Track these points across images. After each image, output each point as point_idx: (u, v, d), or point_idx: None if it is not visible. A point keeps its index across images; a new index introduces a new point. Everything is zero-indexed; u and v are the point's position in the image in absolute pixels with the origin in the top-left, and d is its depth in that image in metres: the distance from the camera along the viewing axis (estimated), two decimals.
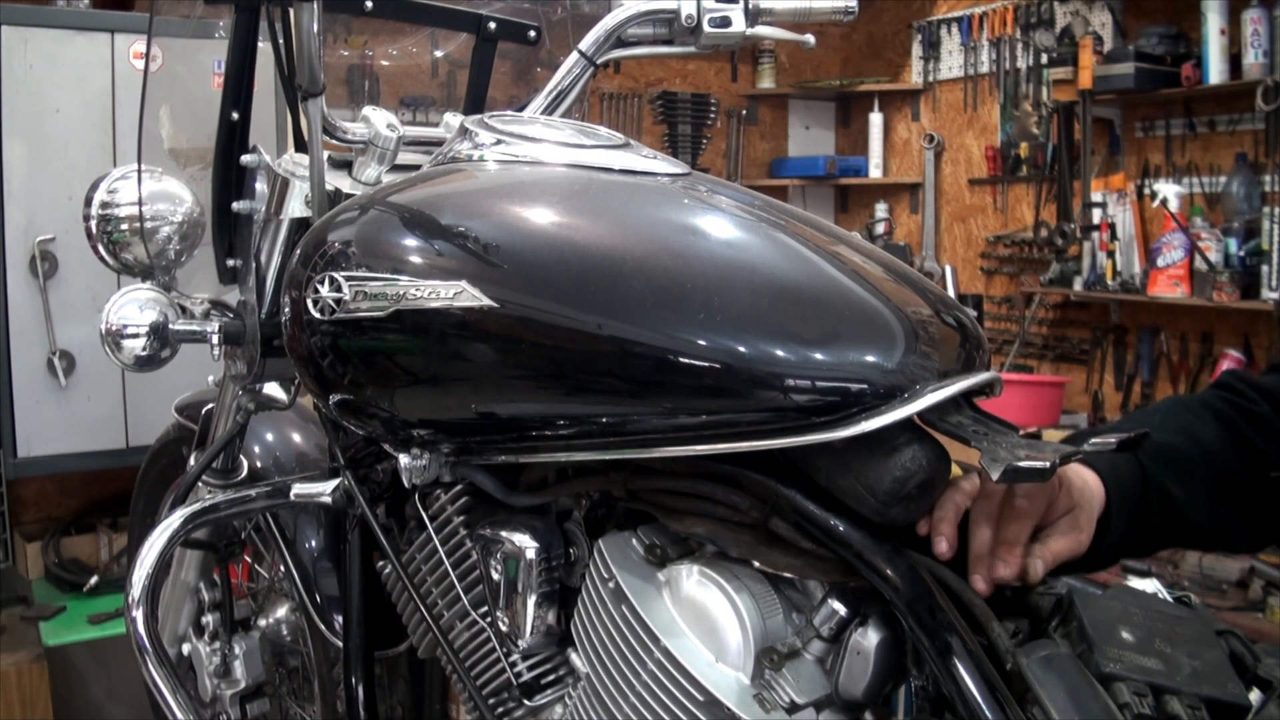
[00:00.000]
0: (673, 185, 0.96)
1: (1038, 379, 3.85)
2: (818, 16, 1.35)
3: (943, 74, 4.43)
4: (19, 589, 2.87)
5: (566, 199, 0.93)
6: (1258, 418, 0.96)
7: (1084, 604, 0.77)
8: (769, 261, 0.86)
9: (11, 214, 2.63)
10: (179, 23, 1.41)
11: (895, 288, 0.85)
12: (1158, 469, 0.93)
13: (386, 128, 1.11)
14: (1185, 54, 3.36)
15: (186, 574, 1.56)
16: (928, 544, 0.80)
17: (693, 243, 0.88)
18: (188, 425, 1.61)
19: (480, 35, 1.40)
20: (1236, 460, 0.95)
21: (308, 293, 0.93)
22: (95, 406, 2.74)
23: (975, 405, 0.83)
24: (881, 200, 4.68)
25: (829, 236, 0.90)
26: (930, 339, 0.81)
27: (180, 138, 1.42)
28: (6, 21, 2.60)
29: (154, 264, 1.33)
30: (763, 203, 0.96)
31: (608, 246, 0.86)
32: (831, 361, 0.78)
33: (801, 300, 0.82)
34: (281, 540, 1.44)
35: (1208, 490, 0.94)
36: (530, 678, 1.00)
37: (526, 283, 0.85)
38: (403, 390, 0.94)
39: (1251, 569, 2.72)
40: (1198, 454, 0.95)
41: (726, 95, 4.75)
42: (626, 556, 0.90)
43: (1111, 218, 3.63)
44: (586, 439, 0.87)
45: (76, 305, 2.69)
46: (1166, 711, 0.71)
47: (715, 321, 0.79)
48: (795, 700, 0.79)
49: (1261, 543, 1.01)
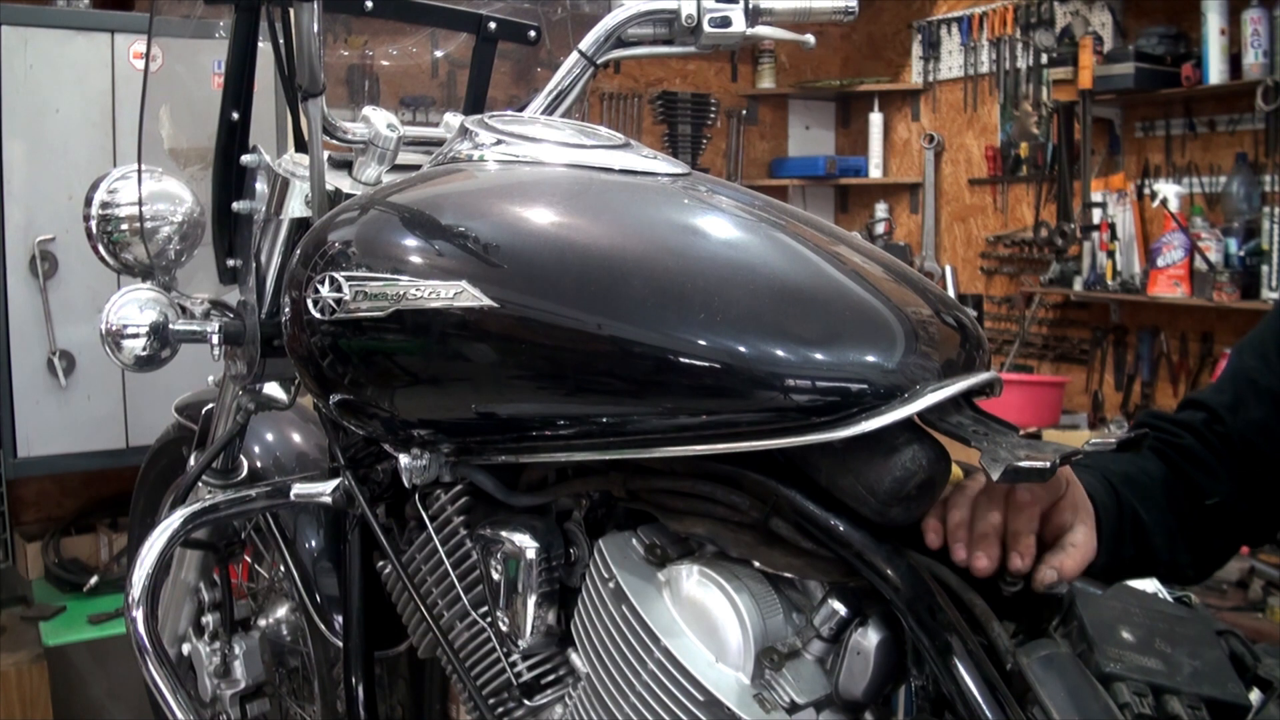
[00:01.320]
0: (673, 185, 0.96)
1: (1038, 379, 3.85)
2: (818, 16, 1.35)
3: (943, 74, 4.43)
4: (19, 589, 2.87)
5: (567, 199, 0.93)
6: (1185, 450, 0.99)
7: (1084, 604, 0.77)
8: (769, 261, 0.86)
9: (11, 214, 2.63)
10: (179, 23, 1.41)
11: (895, 288, 0.85)
12: (1128, 493, 0.94)
13: (387, 128, 1.11)
14: (1185, 54, 3.36)
15: (186, 574, 1.56)
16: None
17: (693, 243, 0.88)
18: (188, 425, 1.61)
19: (480, 35, 1.40)
20: (1179, 491, 0.97)
21: (308, 293, 0.93)
22: (95, 406, 2.74)
23: (975, 405, 0.82)
24: (881, 200, 4.68)
25: (829, 236, 0.90)
26: (930, 339, 0.81)
27: (180, 138, 1.42)
28: (7, 21, 2.60)
29: (154, 264, 1.33)
30: (763, 203, 0.96)
31: (608, 246, 0.86)
32: (831, 361, 0.78)
33: (801, 300, 0.82)
34: (281, 540, 1.44)
35: (1164, 517, 0.96)
36: (530, 678, 1.00)
37: (526, 283, 0.85)
38: (403, 390, 0.94)
39: (1252, 569, 2.72)
40: (1150, 483, 0.97)
41: (726, 95, 4.75)
42: (626, 556, 0.90)
43: (1111, 218, 3.63)
44: (586, 439, 0.86)
45: (76, 305, 2.69)
46: (1166, 711, 0.71)
47: (715, 321, 0.79)
48: (795, 700, 0.79)
49: (1204, 573, 1.03)
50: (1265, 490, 0.98)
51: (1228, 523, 0.99)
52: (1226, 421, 0.99)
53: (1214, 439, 0.99)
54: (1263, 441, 0.97)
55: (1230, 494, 0.97)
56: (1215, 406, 1.00)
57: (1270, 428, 0.97)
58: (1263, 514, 1.00)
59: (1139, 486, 0.95)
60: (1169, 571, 0.98)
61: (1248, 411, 0.98)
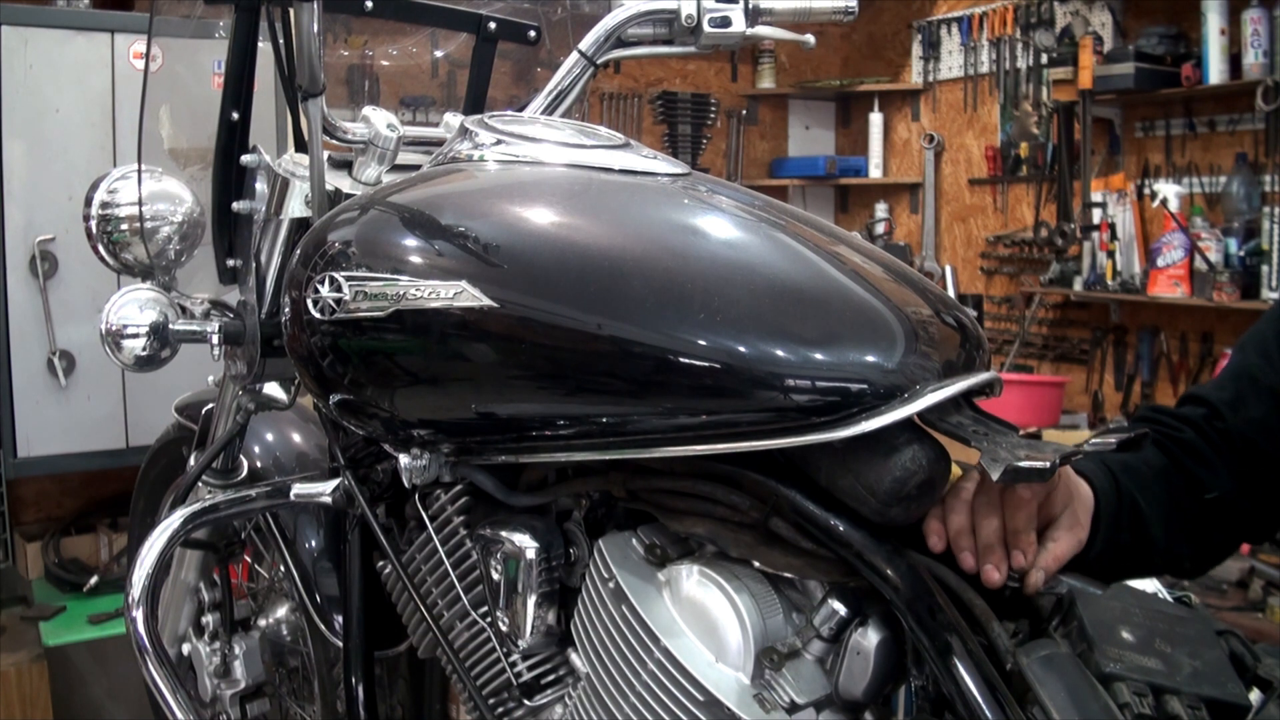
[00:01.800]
0: (672, 185, 0.96)
1: (1038, 379, 3.85)
2: (818, 16, 1.35)
3: (943, 74, 4.43)
4: (19, 589, 2.87)
5: (566, 199, 0.93)
6: (1185, 444, 0.99)
7: (1084, 604, 0.77)
8: (769, 262, 0.86)
9: (11, 214, 2.63)
10: (179, 23, 1.41)
11: (895, 288, 0.85)
12: (1127, 480, 0.94)
13: (386, 128, 1.11)
14: (1185, 54, 3.36)
15: (186, 574, 1.56)
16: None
17: (692, 243, 0.88)
18: (188, 425, 1.61)
19: (480, 35, 1.40)
20: (1178, 482, 0.97)
21: (308, 293, 0.93)
22: (95, 406, 2.74)
23: (975, 405, 0.83)
24: (881, 200, 4.68)
25: (829, 236, 0.90)
26: (930, 339, 0.81)
27: (180, 138, 1.43)
28: (7, 21, 2.60)
29: (154, 264, 1.33)
30: (763, 203, 0.96)
31: (607, 247, 0.86)
32: (831, 361, 0.78)
33: (801, 300, 0.82)
34: (281, 540, 1.44)
35: (1163, 507, 0.96)
36: (530, 678, 1.00)
37: (526, 283, 0.85)
38: (403, 390, 0.94)
39: (1252, 569, 2.72)
40: (1149, 473, 0.97)
41: (726, 95, 4.75)
42: (626, 556, 0.90)
43: (1111, 218, 3.63)
44: (586, 439, 0.87)
45: (76, 305, 2.69)
46: (1166, 711, 0.71)
47: (715, 322, 0.79)
48: (795, 700, 0.79)
49: (1203, 567, 1.03)
50: (1265, 487, 0.98)
51: (1227, 517, 0.99)
52: (1226, 417, 0.99)
53: (1214, 434, 0.99)
54: (1263, 439, 0.97)
55: (1229, 489, 0.97)
56: (1216, 402, 1.00)
57: (1271, 425, 0.97)
58: (1263, 511, 1.00)
59: (1138, 475, 0.95)
60: (1167, 562, 0.98)
61: (1248, 409, 0.98)
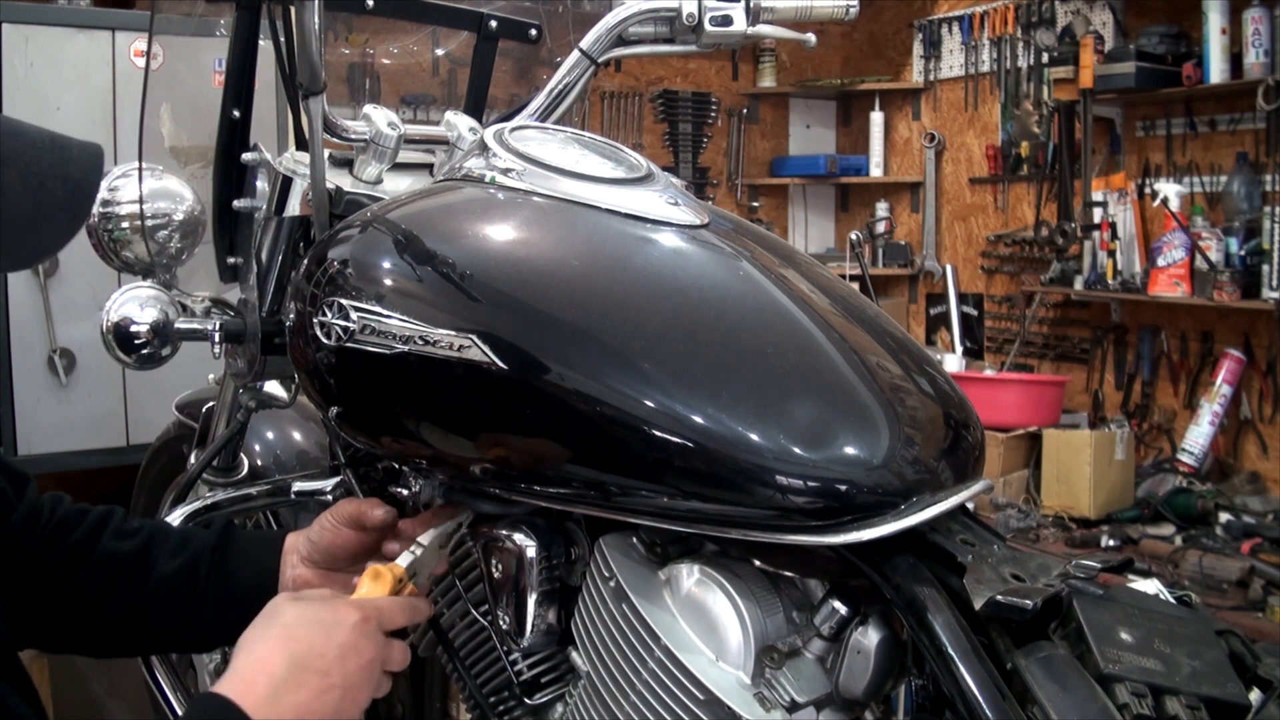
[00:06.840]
0: (689, 246, 0.95)
1: (1038, 378, 3.84)
2: (819, 15, 1.35)
3: (943, 73, 4.43)
4: None
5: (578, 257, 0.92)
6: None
7: (1083, 604, 0.77)
8: (779, 348, 0.85)
9: None
10: (180, 21, 1.41)
11: (905, 385, 0.86)
12: None
13: (387, 126, 1.11)
14: (1186, 53, 3.36)
15: None
16: (928, 544, 0.81)
17: (707, 323, 0.87)
18: (188, 423, 1.61)
19: (481, 34, 1.40)
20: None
21: (314, 312, 0.93)
22: (96, 404, 2.75)
23: (966, 510, 0.84)
24: (882, 199, 4.68)
25: (843, 311, 0.91)
26: (934, 448, 0.82)
27: (181, 136, 1.43)
28: (7, 19, 2.60)
29: (155, 262, 1.33)
30: (781, 260, 0.95)
31: (620, 319, 0.85)
32: (828, 464, 0.78)
33: (805, 396, 0.82)
34: None
35: None
36: (530, 676, 1.00)
37: (537, 349, 0.84)
38: (401, 422, 0.94)
39: (1252, 569, 2.71)
40: None
41: (727, 94, 4.75)
42: (627, 555, 0.90)
43: (1112, 217, 3.63)
44: (584, 501, 0.86)
45: (77, 303, 2.69)
46: (1166, 712, 0.71)
47: (722, 414, 0.79)
48: (796, 699, 0.79)
49: None
50: None
51: None
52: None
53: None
54: None
55: None
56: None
57: None
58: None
59: None
60: None
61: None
